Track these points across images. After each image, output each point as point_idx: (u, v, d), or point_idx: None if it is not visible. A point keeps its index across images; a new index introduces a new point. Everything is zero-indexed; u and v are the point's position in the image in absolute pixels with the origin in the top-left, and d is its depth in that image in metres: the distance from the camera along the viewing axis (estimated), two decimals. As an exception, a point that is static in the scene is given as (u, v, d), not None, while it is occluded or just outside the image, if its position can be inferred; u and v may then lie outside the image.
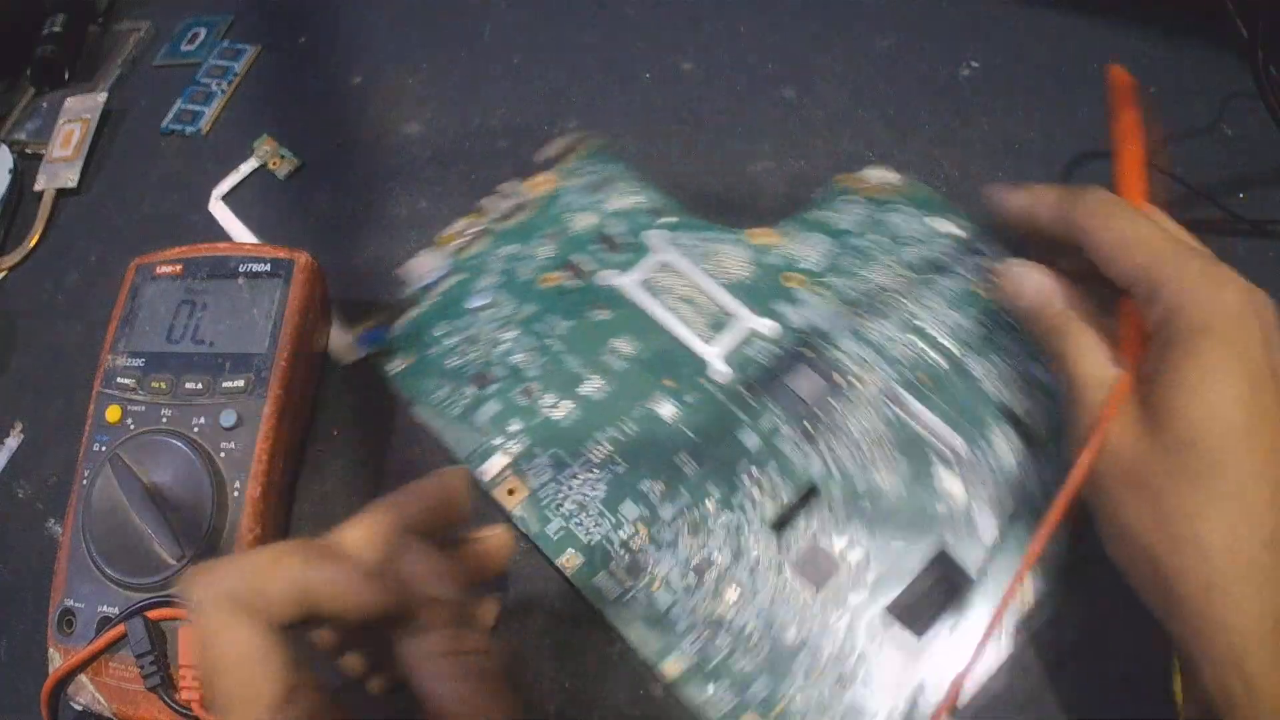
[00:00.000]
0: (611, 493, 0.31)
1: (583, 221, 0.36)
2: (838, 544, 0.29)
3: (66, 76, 0.49)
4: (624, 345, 0.34)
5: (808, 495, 0.30)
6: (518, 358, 0.34)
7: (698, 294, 0.34)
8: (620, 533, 0.30)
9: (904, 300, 0.33)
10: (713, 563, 0.29)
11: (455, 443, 0.33)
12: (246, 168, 0.43)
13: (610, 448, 0.32)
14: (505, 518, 0.31)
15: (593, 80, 0.44)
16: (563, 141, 0.38)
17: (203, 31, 0.50)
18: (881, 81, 0.43)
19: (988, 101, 0.42)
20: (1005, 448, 0.30)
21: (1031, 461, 0.30)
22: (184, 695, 0.28)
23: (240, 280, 0.34)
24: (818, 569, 0.29)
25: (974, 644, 0.26)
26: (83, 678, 0.29)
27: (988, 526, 0.29)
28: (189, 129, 0.45)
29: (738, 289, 0.34)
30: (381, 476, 0.34)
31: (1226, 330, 0.23)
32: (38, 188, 0.44)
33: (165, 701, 0.28)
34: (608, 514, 0.31)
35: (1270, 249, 0.37)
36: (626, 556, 0.30)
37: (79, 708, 0.29)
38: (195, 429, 0.31)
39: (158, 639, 0.28)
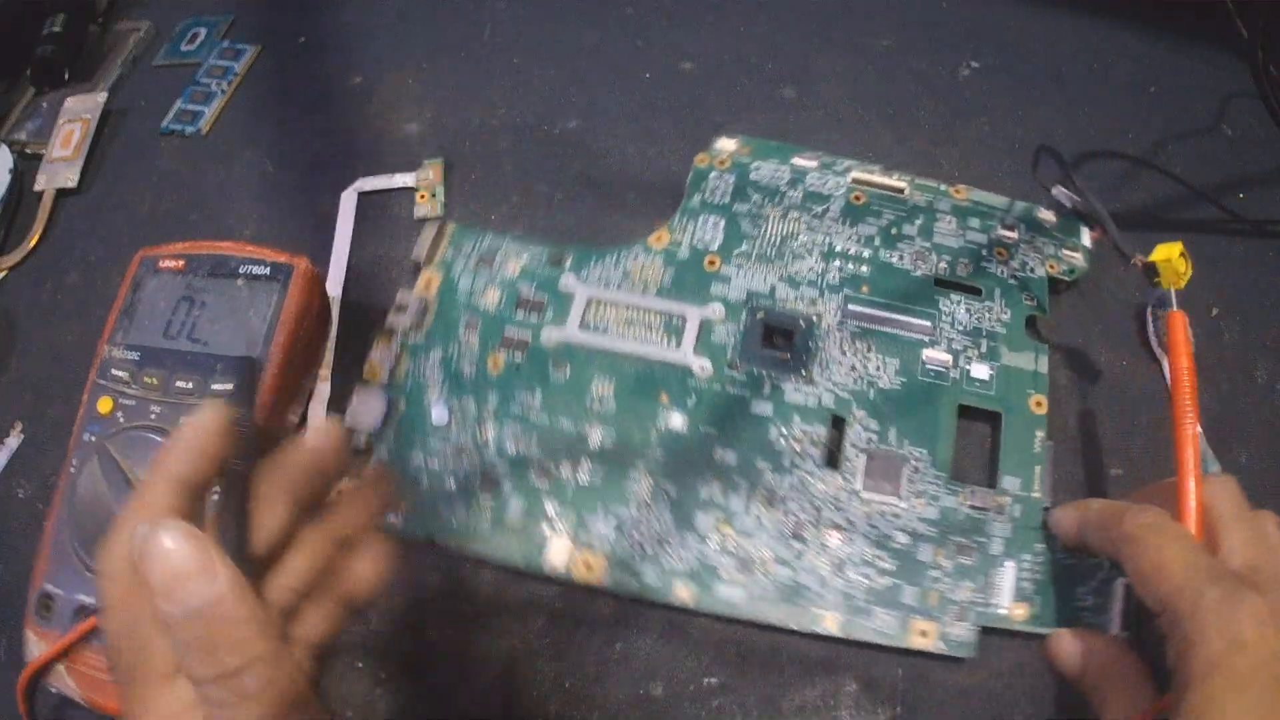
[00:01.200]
0: (678, 515, 0.31)
1: (490, 298, 0.35)
2: (887, 449, 0.32)
3: (66, 76, 0.49)
4: (602, 388, 0.33)
5: (840, 425, 0.32)
6: (511, 447, 0.32)
7: (637, 313, 0.35)
8: (709, 544, 0.31)
9: (807, 236, 0.36)
10: (802, 523, 0.31)
11: (505, 554, 0.31)
12: (400, 180, 0.42)
13: (650, 479, 0.32)
14: (600, 593, 0.31)
15: (593, 80, 0.44)
16: (426, 238, 0.36)
17: (203, 31, 0.50)
18: (881, 81, 0.43)
19: (988, 101, 0.42)
20: (956, 307, 0.34)
21: (979, 307, 0.34)
22: None
23: (240, 281, 0.34)
24: (886, 474, 0.31)
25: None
26: (58, 666, 0.29)
27: (981, 370, 0.33)
28: (189, 129, 0.45)
29: (668, 292, 0.35)
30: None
31: (1236, 667, 0.21)
32: (38, 188, 0.44)
33: None
34: (687, 534, 0.31)
35: (1270, 249, 0.37)
36: (728, 560, 0.30)
37: (54, 691, 0.30)
38: None
39: None
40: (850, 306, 0.34)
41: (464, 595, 0.32)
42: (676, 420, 0.33)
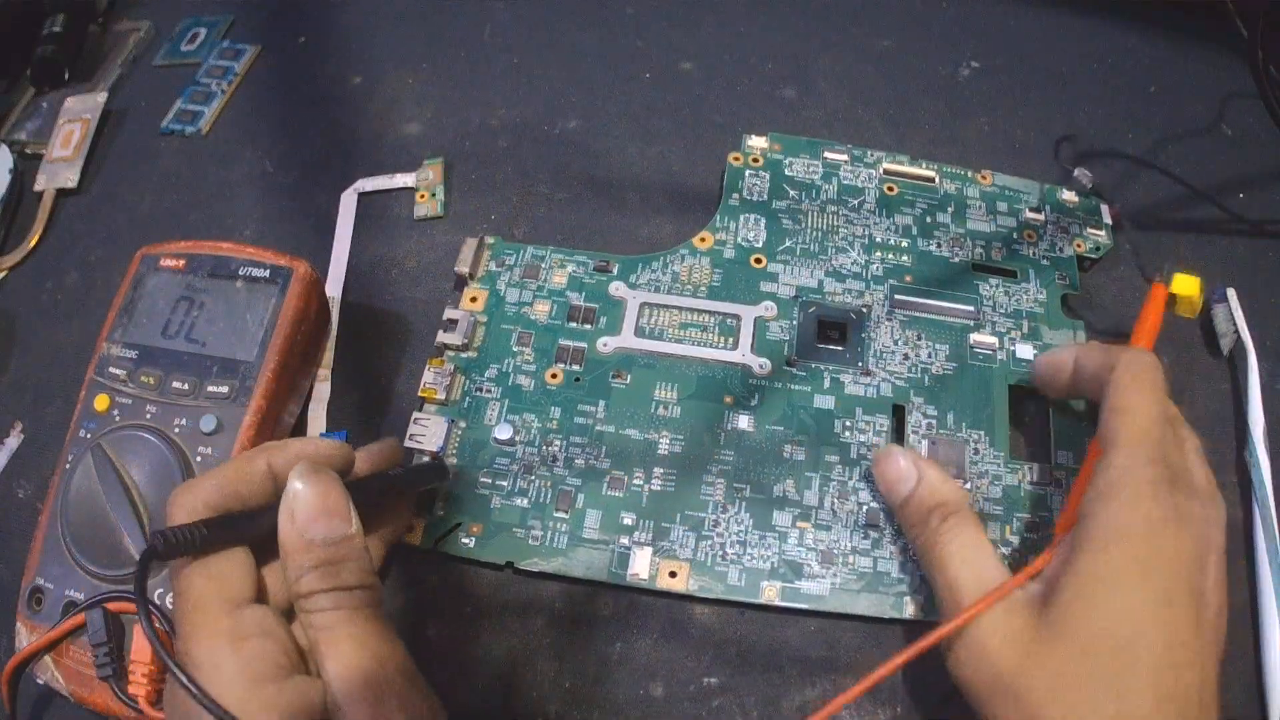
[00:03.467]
0: (758, 516, 0.31)
1: (540, 310, 0.35)
2: (946, 434, 0.33)
3: (66, 76, 0.49)
4: (666, 393, 0.34)
5: (900, 413, 0.33)
6: (580, 460, 0.32)
7: (691, 315, 0.35)
8: (790, 541, 0.31)
9: (846, 229, 0.37)
10: (877, 511, 0.31)
11: (586, 570, 0.31)
12: (400, 180, 0.42)
13: (724, 481, 0.32)
14: (685, 599, 0.31)
15: (593, 80, 0.44)
16: (467, 253, 0.36)
17: (203, 31, 0.50)
18: (881, 81, 0.43)
19: (988, 101, 0.42)
20: (995, 290, 0.36)
21: (1017, 289, 0.36)
22: (133, 689, 0.28)
23: (239, 283, 0.34)
24: (950, 458, 0.32)
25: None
26: (46, 658, 0.30)
27: (1025, 351, 0.34)
28: (189, 129, 0.45)
29: (719, 292, 0.36)
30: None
31: (1145, 538, 0.23)
32: (38, 188, 0.44)
33: (115, 692, 0.28)
34: (768, 534, 0.31)
35: (1270, 249, 0.37)
36: (811, 554, 0.31)
37: (40, 683, 0.30)
38: (176, 429, 0.31)
39: (115, 631, 0.29)
40: (897, 296, 0.35)
41: (464, 595, 0.32)
42: (743, 421, 0.33)
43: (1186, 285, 0.34)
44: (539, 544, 0.31)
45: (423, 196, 0.41)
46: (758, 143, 0.40)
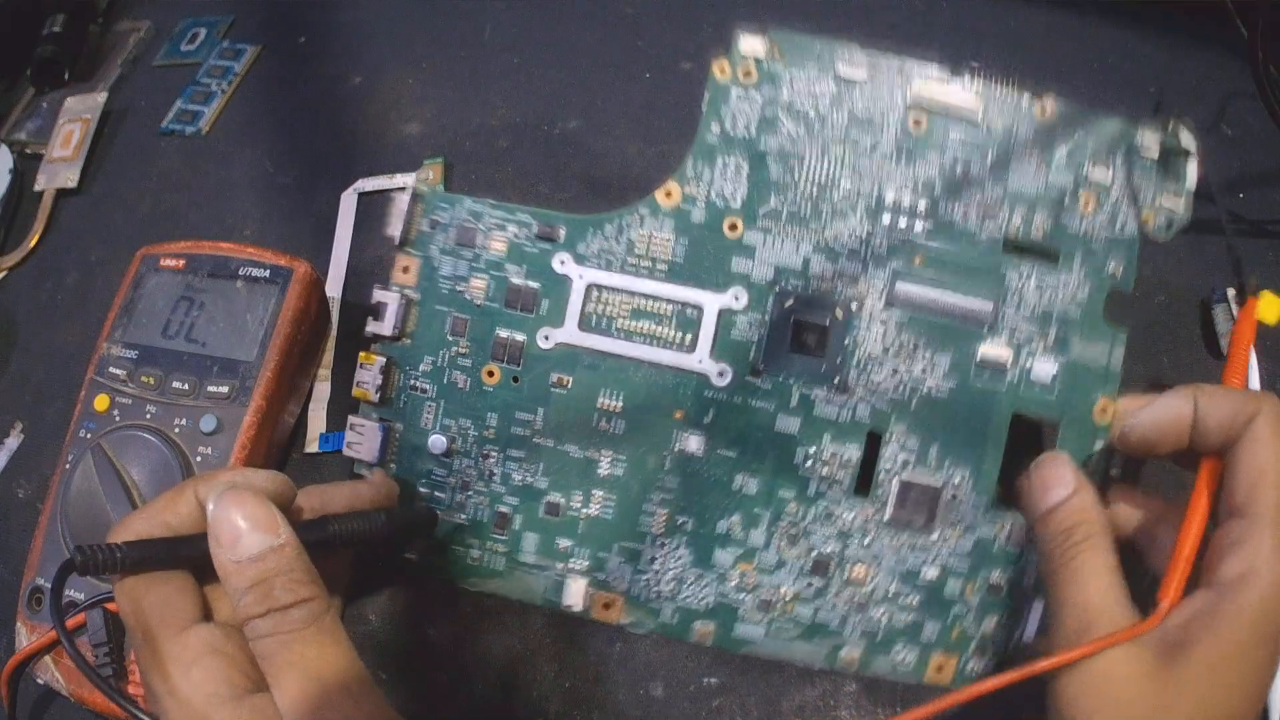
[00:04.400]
0: (697, 552, 0.30)
1: (476, 288, 0.30)
2: (924, 473, 0.29)
3: (66, 76, 0.49)
4: (610, 402, 0.30)
5: (875, 443, 0.29)
6: (518, 477, 0.30)
7: (646, 301, 0.30)
8: (729, 582, 0.30)
9: (850, 182, 0.29)
10: (827, 557, 0.29)
11: (523, 593, 0.30)
12: (401, 180, 0.41)
13: (665, 510, 0.30)
14: (617, 632, 0.31)
15: (593, 80, 0.44)
16: (396, 209, 0.31)
17: (203, 31, 0.50)
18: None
19: (988, 101, 0.42)
20: (1025, 282, 0.29)
21: (1053, 281, 0.29)
22: (133, 689, 0.28)
23: (239, 283, 0.34)
24: (919, 505, 0.29)
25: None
26: (46, 658, 0.30)
27: (1045, 368, 0.29)
28: (189, 129, 0.45)
29: (681, 271, 0.30)
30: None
31: None
32: (38, 188, 0.44)
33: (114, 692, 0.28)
34: (706, 573, 0.30)
35: (1270, 249, 0.37)
36: (747, 598, 0.29)
37: (40, 682, 0.30)
38: (176, 429, 0.31)
39: (115, 631, 0.29)
40: (899, 285, 0.29)
41: (464, 595, 0.32)
42: (693, 443, 0.30)
43: (1273, 307, 0.28)
44: (477, 564, 0.30)
45: (423, 196, 0.41)
46: (753, 46, 0.31)
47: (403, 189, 0.41)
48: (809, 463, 0.29)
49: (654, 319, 0.30)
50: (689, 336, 0.30)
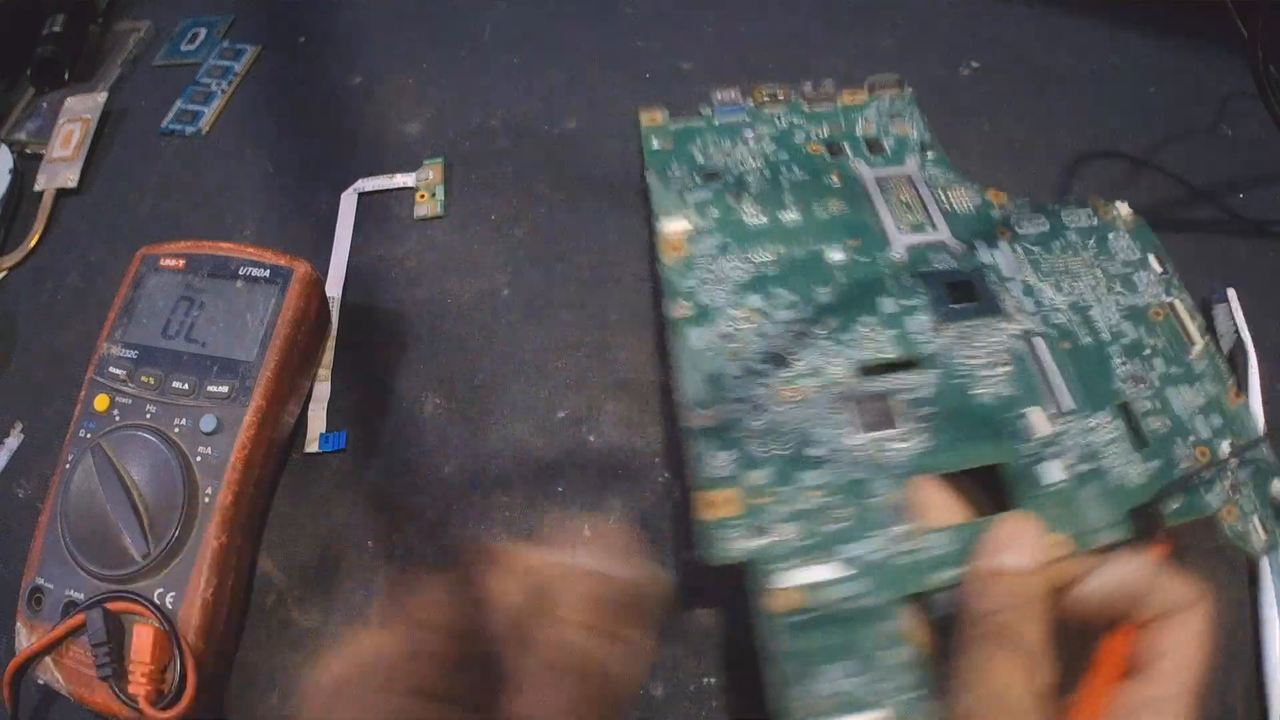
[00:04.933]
0: (752, 284, 0.32)
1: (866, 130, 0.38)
2: (904, 413, 0.29)
3: (66, 76, 0.49)
4: (835, 205, 0.35)
5: (906, 364, 0.30)
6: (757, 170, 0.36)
7: (918, 204, 0.35)
8: (735, 312, 0.32)
9: (1083, 286, 0.32)
10: (791, 363, 0.30)
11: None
12: (400, 180, 0.42)
13: (773, 257, 0.33)
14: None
15: (593, 80, 0.44)
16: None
17: (203, 31, 0.50)
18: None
19: (988, 102, 0.42)
20: (1105, 430, 0.29)
21: (1125, 454, 0.28)
22: (133, 689, 0.28)
23: (239, 283, 0.34)
24: (875, 416, 0.29)
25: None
26: (46, 658, 0.30)
27: (1051, 473, 0.28)
28: (189, 129, 0.45)
29: (954, 218, 0.35)
30: (356, 499, 0.34)
31: None
32: (38, 188, 0.44)
33: (114, 692, 0.28)
34: (740, 299, 0.32)
35: (1270, 249, 0.37)
36: (728, 327, 0.31)
37: (41, 683, 0.30)
38: (176, 429, 0.31)
39: (115, 631, 0.29)
40: (1037, 335, 0.31)
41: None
42: (837, 255, 0.33)
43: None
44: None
45: (423, 196, 0.41)
46: (1126, 210, 0.34)
47: (403, 188, 0.42)
48: (864, 329, 0.31)
49: (909, 210, 0.35)
50: (911, 231, 0.35)
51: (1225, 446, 0.28)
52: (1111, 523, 0.27)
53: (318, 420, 0.35)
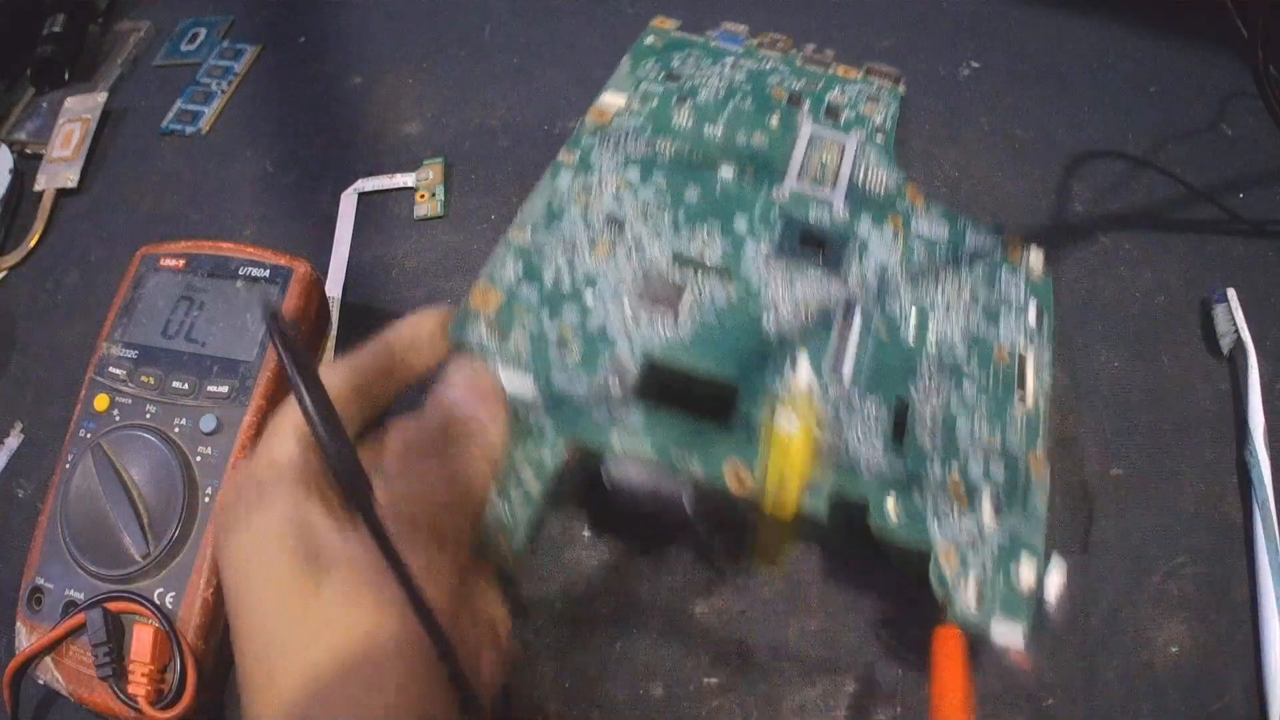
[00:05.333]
0: (641, 163, 0.33)
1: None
2: (689, 309, 0.29)
3: (66, 76, 0.49)
4: (758, 138, 0.35)
5: (720, 273, 0.30)
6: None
7: (833, 167, 0.34)
8: (610, 177, 0.33)
9: (941, 295, 0.31)
10: (623, 230, 0.31)
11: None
12: (400, 180, 0.42)
13: (670, 153, 0.34)
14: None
15: (593, 80, 0.44)
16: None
17: (203, 31, 0.50)
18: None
19: (987, 101, 0.42)
20: (867, 413, 0.28)
21: (870, 441, 0.27)
22: (133, 689, 0.28)
23: (239, 283, 0.34)
24: (660, 294, 0.30)
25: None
26: (46, 658, 0.30)
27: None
28: (189, 129, 0.45)
29: (856, 191, 0.34)
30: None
31: None
32: (38, 188, 0.44)
33: (115, 692, 0.28)
34: (621, 171, 0.33)
35: (1270, 249, 0.37)
36: (595, 185, 0.32)
37: (41, 683, 0.30)
38: (176, 429, 0.31)
39: (115, 631, 0.29)
40: (856, 310, 0.30)
41: (464, 595, 0.32)
42: (726, 174, 0.33)
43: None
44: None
45: (423, 196, 0.41)
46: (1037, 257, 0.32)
47: (403, 188, 0.42)
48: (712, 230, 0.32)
49: (821, 166, 0.35)
50: (813, 184, 0.34)
51: (988, 507, 0.25)
52: (813, 494, 0.25)
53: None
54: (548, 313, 0.29)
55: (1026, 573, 0.24)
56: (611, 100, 0.36)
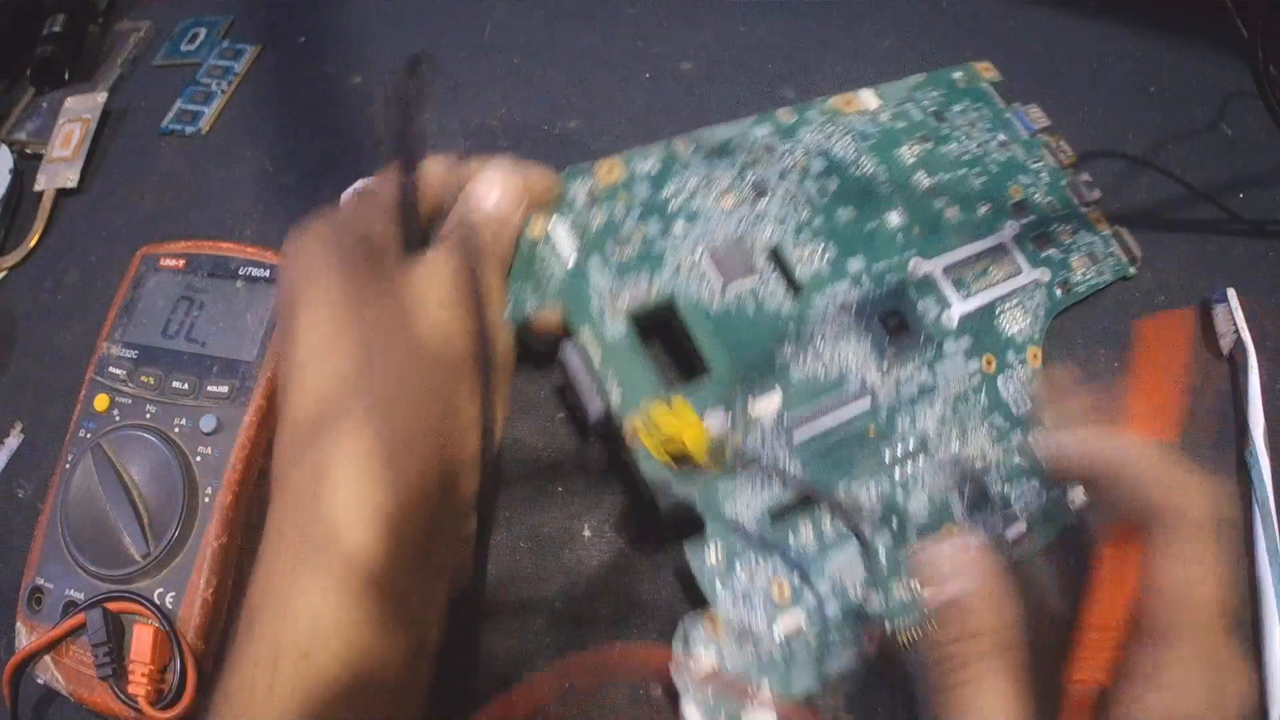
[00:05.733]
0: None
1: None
2: (766, 273, 0.31)
3: (66, 76, 0.49)
4: (952, 212, 0.34)
5: (792, 284, 0.31)
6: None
7: (993, 279, 0.33)
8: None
9: (942, 435, 0.30)
10: (764, 192, 0.32)
11: None
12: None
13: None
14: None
15: (593, 80, 0.44)
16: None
17: (203, 31, 0.50)
18: (882, 81, 0.43)
19: (988, 101, 0.42)
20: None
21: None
22: (133, 689, 0.28)
23: (239, 283, 0.34)
24: (734, 263, 0.31)
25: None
26: (46, 658, 0.30)
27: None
28: (189, 129, 0.45)
29: (983, 316, 0.32)
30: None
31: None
32: (38, 188, 0.44)
33: (115, 692, 0.28)
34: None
35: (1270, 249, 0.37)
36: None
37: (40, 682, 0.30)
38: (176, 429, 0.31)
39: (115, 631, 0.29)
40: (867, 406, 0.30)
41: (464, 595, 0.32)
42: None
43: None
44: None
45: (423, 196, 0.41)
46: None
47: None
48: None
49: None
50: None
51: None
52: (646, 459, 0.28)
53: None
54: (639, 213, 0.31)
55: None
56: (866, 98, 0.36)
